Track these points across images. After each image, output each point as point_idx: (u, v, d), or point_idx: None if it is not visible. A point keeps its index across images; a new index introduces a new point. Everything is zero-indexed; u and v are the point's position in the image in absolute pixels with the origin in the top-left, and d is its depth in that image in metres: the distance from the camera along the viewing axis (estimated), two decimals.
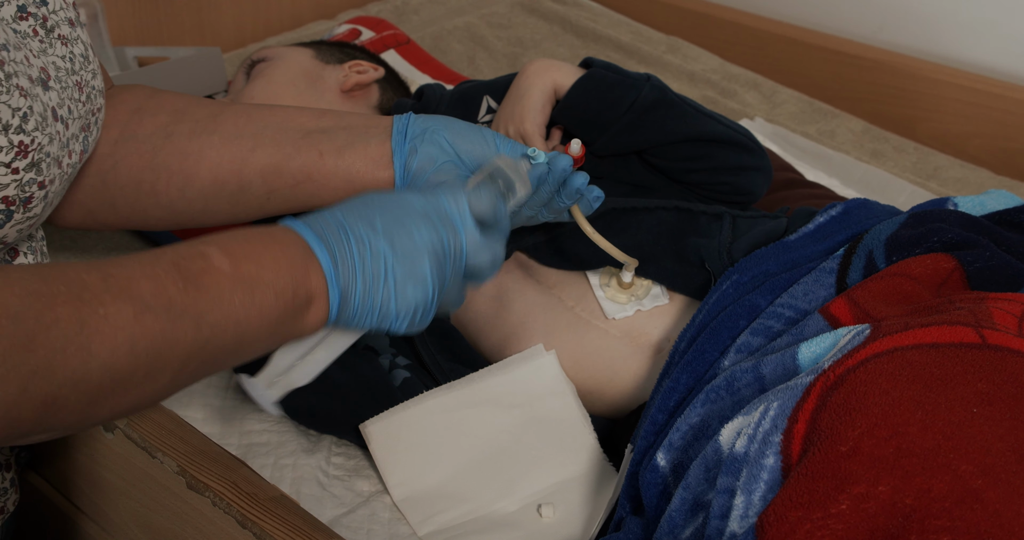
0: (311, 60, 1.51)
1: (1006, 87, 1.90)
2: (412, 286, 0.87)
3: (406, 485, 1.12)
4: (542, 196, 1.04)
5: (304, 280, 0.83)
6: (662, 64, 2.10)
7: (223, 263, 0.78)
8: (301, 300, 0.82)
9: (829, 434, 0.78)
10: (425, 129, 1.07)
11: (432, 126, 1.07)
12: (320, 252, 0.84)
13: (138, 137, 1.07)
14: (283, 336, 0.84)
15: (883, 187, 1.78)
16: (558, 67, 1.31)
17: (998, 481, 0.73)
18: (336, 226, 0.86)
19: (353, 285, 0.85)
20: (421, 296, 0.88)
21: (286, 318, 0.82)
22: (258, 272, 0.80)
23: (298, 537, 0.82)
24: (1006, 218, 1.12)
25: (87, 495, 1.03)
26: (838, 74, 2.06)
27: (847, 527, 0.74)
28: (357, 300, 0.86)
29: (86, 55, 0.92)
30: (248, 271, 0.79)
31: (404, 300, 0.87)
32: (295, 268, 0.82)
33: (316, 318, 0.85)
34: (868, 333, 0.88)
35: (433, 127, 1.07)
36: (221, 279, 0.77)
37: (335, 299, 0.85)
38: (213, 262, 0.78)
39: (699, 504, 0.89)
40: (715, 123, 1.29)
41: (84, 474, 1.02)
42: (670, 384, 1.03)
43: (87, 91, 0.92)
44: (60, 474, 1.05)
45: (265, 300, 0.80)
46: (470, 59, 2.12)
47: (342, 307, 0.85)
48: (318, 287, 0.84)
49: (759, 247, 1.15)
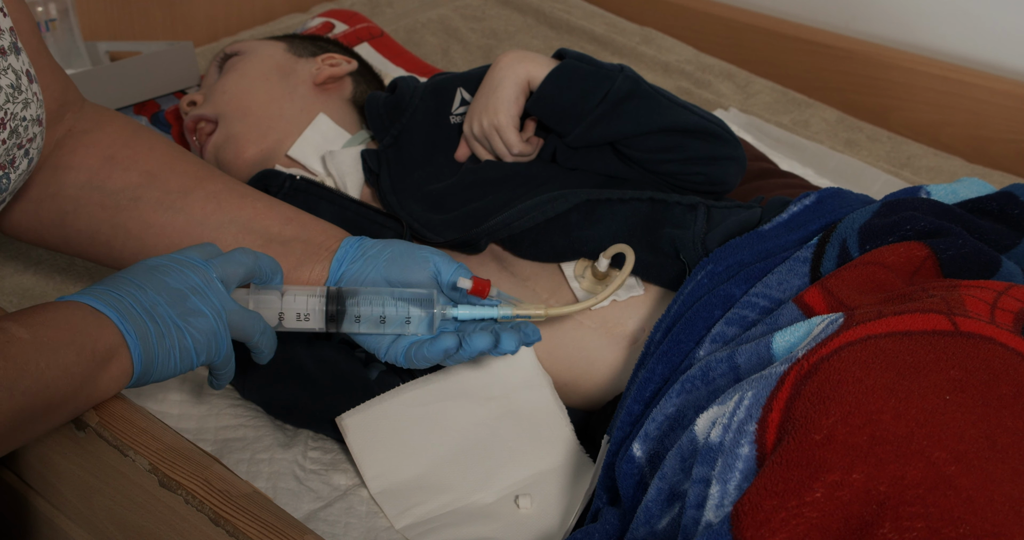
0: (284, 54, 1.50)
1: (979, 76, 1.90)
2: (193, 318, 0.91)
3: (383, 478, 1.12)
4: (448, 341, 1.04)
5: (100, 334, 0.86)
6: (636, 55, 2.10)
7: (21, 332, 0.81)
8: (101, 354, 0.85)
9: (803, 423, 0.79)
10: (367, 258, 1.09)
11: (374, 253, 1.09)
12: (106, 310, 0.87)
13: (105, 190, 1.08)
14: (90, 394, 0.87)
15: (857, 176, 1.78)
16: (531, 59, 1.31)
17: (971, 467, 0.74)
18: (105, 291, 0.89)
19: (146, 329, 0.88)
20: (206, 324, 0.92)
21: (91, 374, 0.85)
22: (56, 335, 0.83)
23: (271, 533, 0.82)
24: (979, 206, 1.13)
25: (61, 493, 1.03)
26: (812, 64, 2.06)
27: (822, 515, 0.74)
28: (155, 343, 0.88)
29: (16, 85, 0.91)
30: (47, 336, 0.82)
31: (195, 330, 0.91)
32: (88, 325, 0.85)
33: (121, 369, 0.88)
34: (841, 322, 0.88)
35: (375, 254, 1.09)
36: (24, 347, 0.80)
37: (135, 347, 0.87)
38: (12, 333, 0.80)
39: (675, 494, 0.89)
40: (689, 113, 1.29)
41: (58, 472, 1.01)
42: (646, 375, 1.03)
43: (12, 125, 0.90)
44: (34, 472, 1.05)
45: (67, 359, 0.83)
46: (444, 51, 2.12)
47: (144, 354, 0.88)
48: (115, 340, 0.87)
49: (733, 237, 1.15)
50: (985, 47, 1.98)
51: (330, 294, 1.02)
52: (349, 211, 1.31)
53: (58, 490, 1.03)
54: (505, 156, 1.34)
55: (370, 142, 1.47)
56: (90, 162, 1.08)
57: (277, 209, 1.14)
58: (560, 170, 1.34)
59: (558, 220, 1.22)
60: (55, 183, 1.07)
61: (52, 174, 1.07)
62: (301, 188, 1.33)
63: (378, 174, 1.36)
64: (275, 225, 1.12)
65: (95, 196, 1.08)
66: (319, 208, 1.30)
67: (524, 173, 1.33)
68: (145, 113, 1.65)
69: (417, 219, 1.29)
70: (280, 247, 1.11)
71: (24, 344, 0.80)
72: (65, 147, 1.08)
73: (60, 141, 1.08)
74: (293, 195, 1.32)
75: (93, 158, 1.08)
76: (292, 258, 1.10)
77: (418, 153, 1.39)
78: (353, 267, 1.09)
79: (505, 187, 1.31)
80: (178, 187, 1.10)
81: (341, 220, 1.30)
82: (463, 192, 1.32)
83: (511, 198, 1.28)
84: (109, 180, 1.08)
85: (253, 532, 0.82)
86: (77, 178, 1.07)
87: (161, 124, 1.63)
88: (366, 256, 1.09)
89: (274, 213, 1.13)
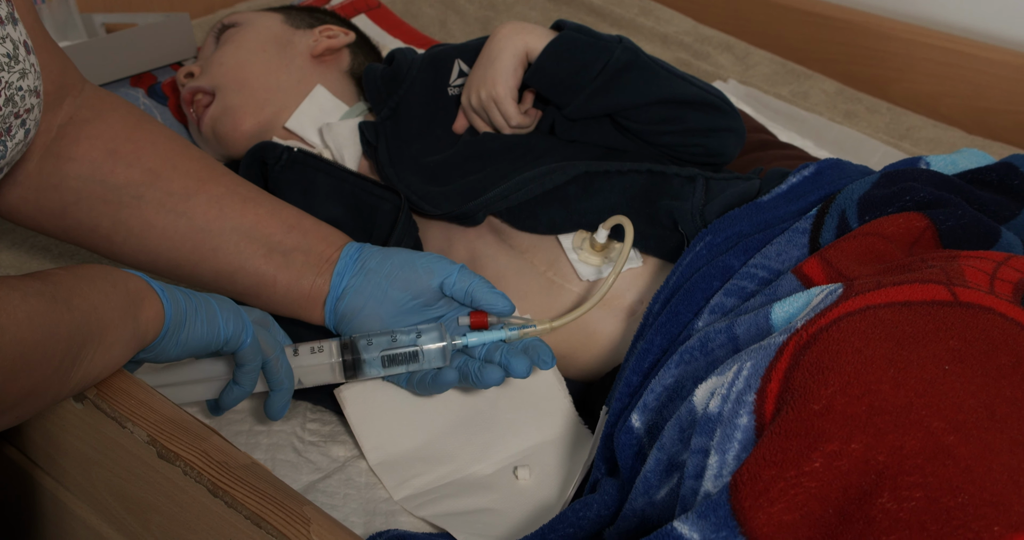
0: (281, 25, 1.50)
1: (978, 47, 1.89)
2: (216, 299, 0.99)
3: (382, 449, 1.12)
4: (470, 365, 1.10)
5: (129, 278, 0.91)
6: (635, 27, 2.09)
7: (58, 270, 0.85)
8: (134, 293, 0.89)
9: (802, 393, 0.78)
10: (367, 270, 1.12)
11: (374, 266, 1.12)
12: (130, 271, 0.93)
13: (107, 184, 1.09)
14: (135, 332, 0.89)
15: (856, 148, 1.78)
16: (530, 30, 1.30)
17: (970, 437, 0.74)
18: None
19: (171, 289, 0.94)
20: (230, 303, 1.00)
21: (128, 308, 0.88)
22: (90, 272, 0.87)
23: (269, 505, 0.82)
24: (978, 177, 1.12)
25: (61, 465, 1.03)
26: (811, 35, 2.05)
27: (820, 484, 0.74)
28: (181, 299, 0.94)
29: (14, 55, 0.90)
30: (82, 272, 0.87)
31: (220, 301, 0.99)
32: (117, 273, 0.90)
33: (155, 311, 0.91)
34: (840, 292, 0.88)
35: (375, 267, 1.12)
36: (65, 277, 0.84)
37: (163, 294, 0.92)
38: (48, 270, 0.85)
39: (674, 464, 0.89)
40: (688, 85, 1.29)
41: (57, 444, 1.01)
42: (644, 346, 1.03)
43: (7, 94, 0.90)
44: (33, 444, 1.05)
45: (105, 288, 0.86)
46: (441, 23, 2.10)
47: (173, 305, 0.93)
48: (144, 286, 0.91)
49: (732, 209, 1.15)
50: (985, 18, 1.97)
51: (344, 345, 1.09)
52: (346, 184, 1.30)
53: (60, 465, 1.03)
54: (503, 128, 1.33)
55: (368, 114, 1.46)
56: (93, 155, 1.08)
57: (279, 215, 1.15)
58: (558, 142, 1.34)
59: (556, 192, 1.22)
60: (57, 174, 1.07)
61: (55, 164, 1.07)
62: (298, 160, 1.33)
63: (376, 146, 1.36)
64: (277, 233, 1.14)
65: (98, 190, 1.08)
66: (316, 180, 1.30)
67: (522, 145, 1.33)
68: (142, 85, 1.64)
69: (415, 191, 1.28)
70: (281, 257, 1.13)
71: (63, 275, 0.84)
72: (67, 137, 1.08)
73: (62, 129, 1.08)
74: (290, 168, 1.32)
75: (96, 151, 1.08)
76: (293, 270, 1.13)
77: (416, 125, 1.39)
78: (355, 281, 1.12)
79: (503, 159, 1.31)
80: (181, 189, 1.11)
81: (338, 193, 1.29)
82: (461, 164, 1.32)
83: (509, 170, 1.28)
84: (112, 175, 1.09)
85: (252, 503, 0.82)
86: (80, 170, 1.07)
87: (158, 96, 1.62)
88: (367, 270, 1.12)
89: (275, 220, 1.14)
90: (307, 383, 1.09)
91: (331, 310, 1.13)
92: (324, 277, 1.13)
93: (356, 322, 1.12)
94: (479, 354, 1.10)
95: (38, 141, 1.06)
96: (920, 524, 0.71)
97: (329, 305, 1.13)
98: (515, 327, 1.09)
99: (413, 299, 1.10)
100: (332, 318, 1.13)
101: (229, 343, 0.98)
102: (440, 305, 1.13)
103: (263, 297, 1.14)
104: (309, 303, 1.14)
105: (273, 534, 0.81)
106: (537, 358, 1.07)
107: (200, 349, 0.96)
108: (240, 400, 1.05)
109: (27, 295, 0.77)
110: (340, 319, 1.13)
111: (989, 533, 0.69)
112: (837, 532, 0.74)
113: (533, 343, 1.08)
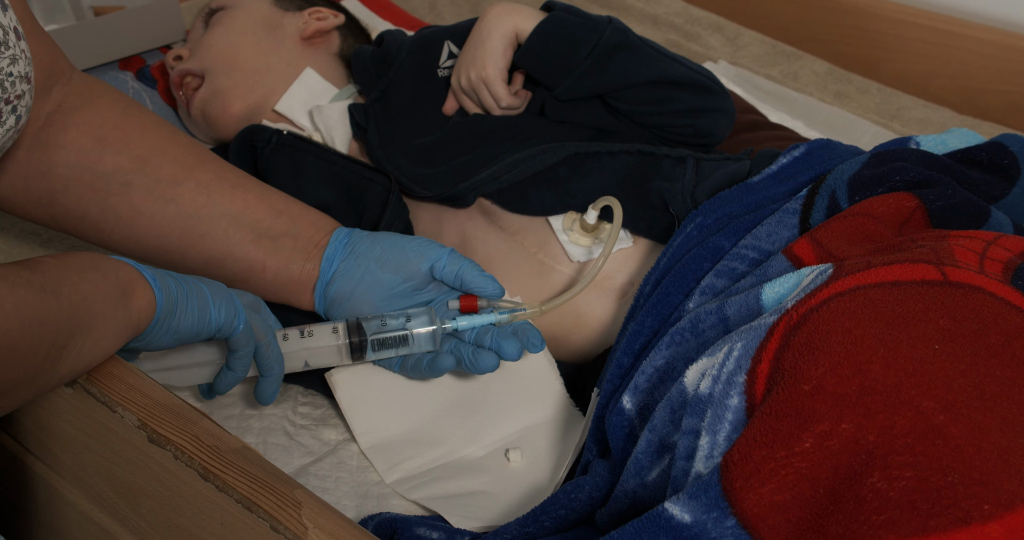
0: (270, 7, 1.49)
1: (968, 26, 1.89)
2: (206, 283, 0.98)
3: (373, 433, 1.12)
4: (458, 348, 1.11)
5: (119, 267, 0.90)
6: (624, 7, 2.08)
7: (47, 258, 0.85)
8: (124, 282, 0.89)
9: (792, 373, 0.78)
10: (357, 254, 1.12)
11: (363, 250, 1.12)
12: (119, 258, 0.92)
13: (95, 171, 1.08)
14: (126, 321, 0.89)
15: (846, 128, 1.78)
16: (519, 11, 1.30)
17: (960, 416, 0.74)
18: None
19: (161, 274, 0.93)
20: (222, 288, 0.99)
21: (118, 297, 0.87)
22: (79, 261, 0.87)
23: (261, 488, 0.82)
24: (968, 156, 1.12)
25: (52, 451, 1.03)
26: (801, 16, 2.05)
27: (811, 465, 0.75)
28: (172, 285, 0.93)
29: (4, 40, 0.90)
30: (71, 261, 0.86)
31: (212, 286, 0.98)
32: (107, 261, 0.89)
33: (146, 299, 0.91)
34: (831, 272, 0.88)
35: (364, 251, 1.12)
36: (54, 266, 0.84)
37: (153, 281, 0.91)
38: (38, 259, 0.85)
39: (665, 446, 0.89)
40: (677, 65, 1.28)
41: (48, 430, 1.01)
42: (635, 327, 1.03)
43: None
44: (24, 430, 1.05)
45: (95, 277, 0.86)
46: (431, 5, 2.10)
47: (164, 292, 0.92)
48: (134, 274, 0.91)
49: (723, 189, 1.15)
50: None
51: (350, 326, 1.09)
52: (337, 166, 1.30)
53: (51, 450, 1.03)
54: (493, 109, 1.33)
55: (357, 96, 1.46)
56: (81, 142, 1.07)
57: (267, 200, 1.15)
58: (548, 123, 1.33)
59: (546, 173, 1.22)
60: (45, 161, 1.07)
61: (43, 152, 1.07)
62: (288, 143, 1.32)
63: (365, 128, 1.36)
64: (265, 219, 1.13)
65: (86, 177, 1.08)
66: (306, 163, 1.30)
67: (512, 126, 1.32)
68: (131, 68, 1.63)
69: (405, 173, 1.28)
70: (270, 243, 1.13)
71: (53, 264, 0.83)
72: (56, 124, 1.07)
73: (50, 117, 1.07)
74: (280, 150, 1.31)
75: (84, 138, 1.07)
76: (282, 255, 1.13)
77: (406, 107, 1.38)
78: (344, 266, 1.12)
79: (493, 140, 1.30)
80: (169, 176, 1.10)
81: (328, 175, 1.29)
82: (451, 146, 1.32)
83: (499, 152, 1.28)
84: (100, 162, 1.08)
85: (243, 487, 0.82)
86: (68, 158, 1.07)
87: (147, 79, 1.61)
88: (356, 254, 1.12)
89: (264, 205, 1.14)
90: (313, 365, 1.10)
91: (320, 295, 1.13)
92: (313, 262, 1.13)
93: (346, 307, 1.12)
94: (469, 338, 1.10)
95: (27, 129, 1.05)
96: (910, 503, 0.71)
97: (319, 290, 1.13)
98: (505, 311, 1.09)
99: (403, 283, 1.10)
100: (322, 303, 1.13)
101: (222, 330, 0.97)
102: (430, 289, 1.13)
103: (252, 283, 1.13)
104: (299, 288, 1.14)
105: (264, 518, 0.81)
106: (527, 341, 1.07)
107: (192, 336, 0.96)
108: (234, 385, 1.05)
109: (15, 285, 0.77)
110: (330, 304, 1.12)
111: (979, 512, 0.70)
112: (828, 512, 0.74)
113: (522, 326, 1.09)
